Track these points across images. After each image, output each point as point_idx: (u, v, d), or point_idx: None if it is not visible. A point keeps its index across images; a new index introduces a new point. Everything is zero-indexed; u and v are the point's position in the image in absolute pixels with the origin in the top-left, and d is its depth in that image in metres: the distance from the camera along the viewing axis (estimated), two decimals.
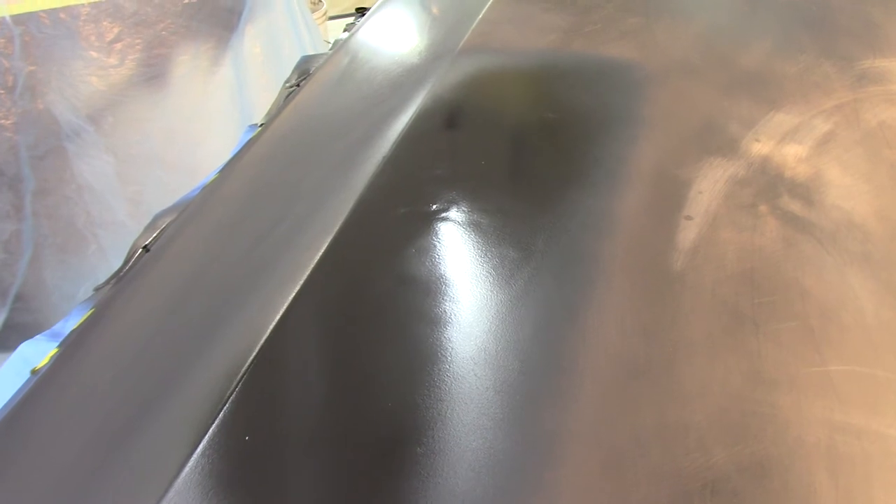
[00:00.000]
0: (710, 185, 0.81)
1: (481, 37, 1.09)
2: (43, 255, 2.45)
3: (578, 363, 0.64)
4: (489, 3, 1.19)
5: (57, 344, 0.91)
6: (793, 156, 0.85)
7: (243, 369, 0.66)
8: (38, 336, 1.05)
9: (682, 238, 0.75)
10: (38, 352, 1.02)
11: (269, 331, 0.69)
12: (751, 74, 1.00)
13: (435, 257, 0.75)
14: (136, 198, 2.62)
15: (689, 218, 0.77)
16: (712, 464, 0.57)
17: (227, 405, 0.63)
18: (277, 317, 0.70)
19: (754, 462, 0.57)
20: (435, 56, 1.06)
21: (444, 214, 0.79)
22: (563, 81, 1.00)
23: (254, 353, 0.67)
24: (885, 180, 0.83)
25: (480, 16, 1.14)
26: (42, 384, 0.78)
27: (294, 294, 0.72)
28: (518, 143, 0.90)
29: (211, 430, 0.62)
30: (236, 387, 0.65)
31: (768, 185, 0.81)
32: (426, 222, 0.78)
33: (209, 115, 2.71)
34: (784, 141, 0.87)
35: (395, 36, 1.22)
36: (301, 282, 0.73)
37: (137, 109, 2.59)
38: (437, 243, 0.76)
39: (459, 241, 0.76)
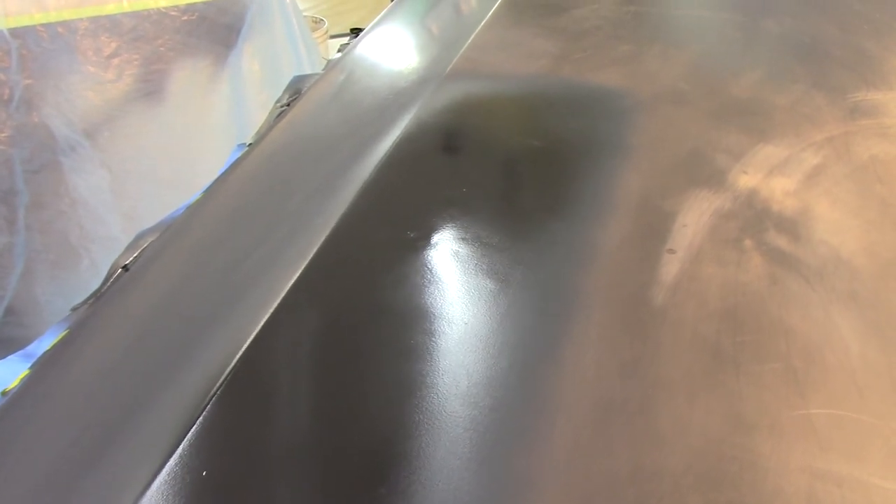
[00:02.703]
0: (694, 218, 0.79)
1: (469, 62, 1.08)
2: (35, 270, 2.43)
3: (552, 401, 0.62)
4: (479, 27, 1.18)
5: (29, 365, 0.89)
6: (781, 189, 0.83)
7: (209, 396, 0.65)
8: (10, 357, 1.03)
9: (664, 272, 0.73)
10: (9, 372, 1.00)
11: (236, 359, 0.68)
12: (741, 105, 0.98)
13: (410, 286, 0.73)
14: (130, 213, 2.60)
15: (672, 251, 0.76)
16: None
17: (187, 437, 0.62)
18: (246, 344, 0.69)
19: None
20: (422, 80, 1.05)
21: (421, 242, 0.77)
22: (550, 108, 0.99)
23: (220, 381, 0.66)
24: (874, 216, 0.81)
25: (470, 41, 1.13)
26: (10, 405, 0.76)
27: (263, 323, 0.70)
28: (501, 170, 0.88)
29: (171, 461, 0.60)
30: (200, 414, 0.63)
31: (754, 218, 0.80)
32: (403, 250, 0.77)
33: (206, 132, 2.70)
34: (772, 174, 0.86)
35: (385, 59, 1.21)
36: (271, 310, 0.71)
37: (134, 125, 2.58)
38: (412, 272, 0.74)
39: (436, 271, 0.74)
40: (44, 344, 0.98)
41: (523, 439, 0.60)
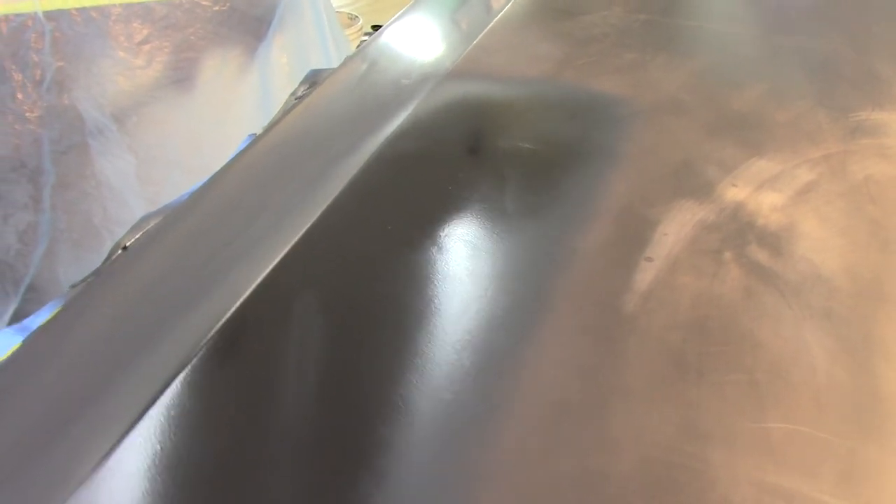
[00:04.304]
0: (676, 228, 0.79)
1: (471, 62, 1.08)
2: (57, 249, 2.47)
3: (509, 399, 0.63)
4: (487, 29, 1.18)
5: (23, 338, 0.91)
6: (768, 204, 0.83)
7: (195, 352, 0.67)
8: (6, 329, 1.05)
9: (638, 279, 0.73)
10: (3, 345, 1.02)
11: (209, 335, 0.69)
12: (740, 118, 0.98)
13: (381, 280, 0.74)
14: (153, 198, 2.64)
15: (649, 259, 0.75)
16: None
17: (172, 385, 0.64)
18: (219, 324, 0.70)
19: None
20: (423, 78, 1.06)
21: (398, 237, 0.78)
22: (546, 112, 0.99)
23: (194, 354, 0.67)
24: (862, 236, 0.80)
25: (476, 41, 1.13)
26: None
27: (234, 308, 0.71)
28: (489, 170, 0.89)
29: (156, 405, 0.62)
30: (167, 387, 0.65)
31: (737, 231, 0.79)
32: (379, 248, 0.78)
33: (232, 122, 2.72)
34: (762, 188, 0.85)
35: (393, 56, 1.22)
36: (243, 297, 0.72)
37: (161, 111, 2.61)
38: (387, 270, 0.75)
39: (408, 265, 0.75)
40: (39, 319, 1.01)
41: (474, 435, 0.60)
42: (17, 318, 2.36)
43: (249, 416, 0.62)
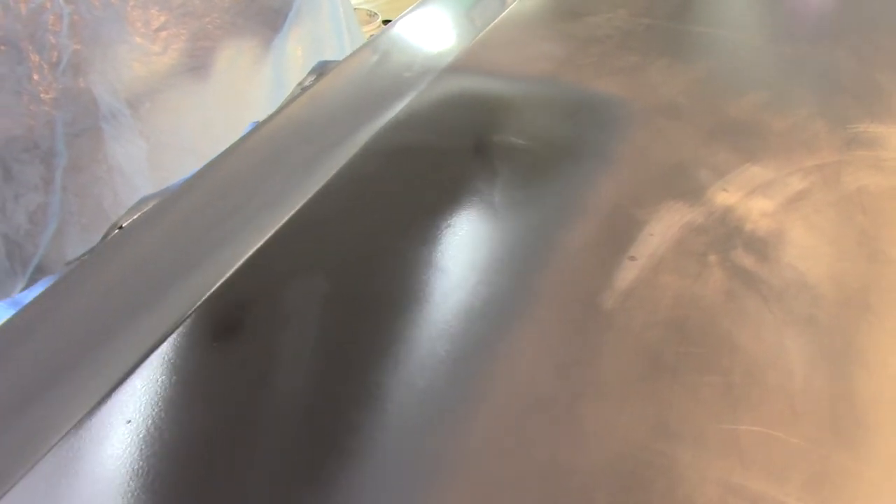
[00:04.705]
0: (663, 229, 0.79)
1: (471, 58, 1.09)
2: (67, 231, 2.48)
3: (480, 391, 0.63)
4: (490, 26, 1.18)
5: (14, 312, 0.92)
6: (758, 210, 0.83)
7: (171, 330, 0.69)
8: None
9: (620, 278, 0.73)
10: None
11: (191, 309, 0.70)
12: (736, 124, 0.98)
13: (363, 271, 0.74)
14: (163, 184, 2.64)
15: (632, 259, 0.76)
16: None
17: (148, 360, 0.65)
18: (201, 300, 0.71)
19: None
20: (423, 72, 1.06)
21: (382, 229, 0.79)
22: (541, 111, 0.99)
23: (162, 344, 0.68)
24: (850, 245, 0.80)
25: (478, 38, 1.13)
26: None
27: (213, 289, 0.72)
28: (479, 164, 0.89)
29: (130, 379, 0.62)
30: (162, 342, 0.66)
31: (725, 235, 0.79)
32: (362, 236, 0.78)
33: (245, 112, 2.73)
34: (753, 194, 0.85)
35: (397, 50, 1.22)
36: (217, 285, 0.73)
37: (175, 98, 2.62)
38: (368, 258, 0.75)
39: (391, 258, 0.75)
40: (32, 294, 1.02)
41: (447, 424, 0.61)
42: None
43: (221, 396, 0.63)
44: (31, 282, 2.43)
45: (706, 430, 0.61)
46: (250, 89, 2.72)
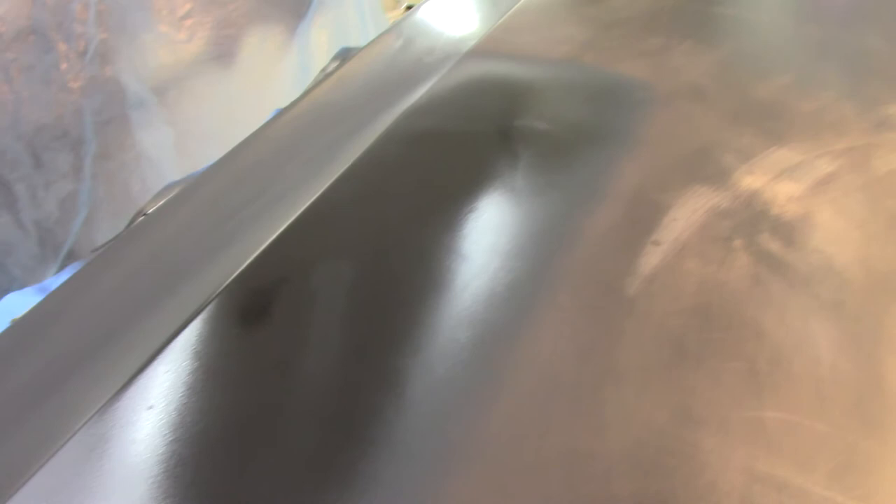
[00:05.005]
0: (687, 213, 0.78)
1: (493, 42, 1.08)
2: (97, 218, 2.51)
3: (501, 376, 0.63)
4: (513, 9, 1.17)
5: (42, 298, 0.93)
6: (785, 193, 0.82)
7: (192, 317, 0.69)
8: (27, 289, 1.08)
9: (643, 263, 0.73)
10: (22, 304, 1.04)
11: (213, 294, 0.70)
12: (762, 107, 0.96)
13: (384, 256, 0.74)
14: (190, 171, 2.66)
15: (656, 243, 0.75)
16: (611, 495, 0.55)
17: (168, 347, 0.65)
18: (222, 285, 0.71)
19: (657, 500, 0.55)
20: (444, 56, 1.05)
21: (403, 214, 0.78)
22: (563, 94, 0.98)
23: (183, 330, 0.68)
24: (879, 229, 0.79)
25: (500, 21, 1.13)
26: (10, 330, 0.79)
27: (234, 275, 0.72)
28: (501, 149, 0.88)
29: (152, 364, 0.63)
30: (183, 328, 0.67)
31: (750, 219, 0.78)
32: (383, 222, 0.78)
33: (270, 98, 2.74)
34: (779, 177, 0.84)
35: (421, 34, 1.21)
36: (238, 270, 0.73)
37: (201, 86, 2.64)
38: (389, 243, 0.75)
39: (412, 243, 0.75)
40: (59, 280, 1.03)
41: (466, 409, 0.60)
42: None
43: (242, 382, 0.63)
44: (63, 268, 2.46)
45: (730, 417, 0.60)
46: (275, 76, 2.73)
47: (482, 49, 1.06)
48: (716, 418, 0.60)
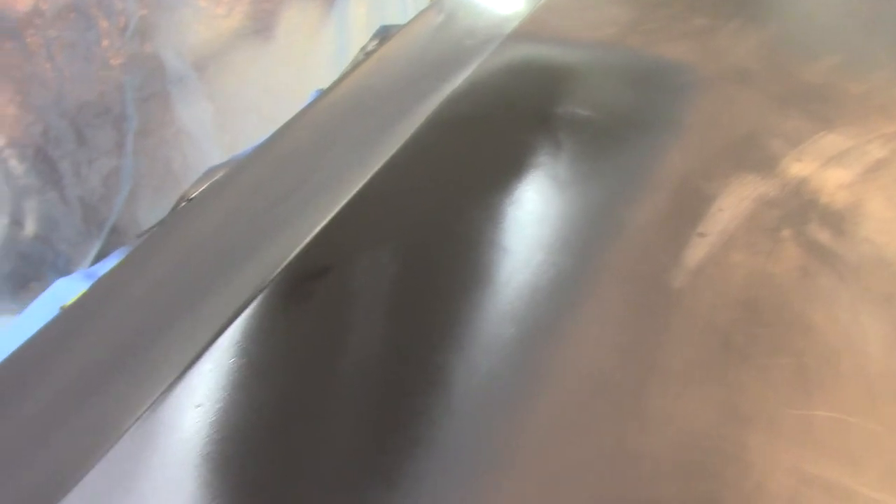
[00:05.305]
0: (733, 203, 0.77)
1: (534, 24, 1.06)
2: (139, 194, 2.54)
3: (545, 372, 0.62)
4: None
5: (90, 284, 0.94)
6: (834, 181, 0.80)
7: (240, 311, 0.69)
8: (73, 274, 1.09)
9: (689, 255, 0.72)
10: (70, 290, 1.06)
11: (265, 283, 0.70)
12: (810, 89, 0.94)
13: (428, 249, 0.74)
14: (230, 147, 2.68)
15: (702, 235, 0.74)
16: (658, 497, 0.54)
17: (217, 341, 0.66)
18: (273, 274, 0.72)
19: (704, 502, 0.54)
20: (485, 39, 1.04)
21: (447, 205, 0.78)
22: (606, 79, 0.97)
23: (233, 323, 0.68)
24: None
25: (543, 1, 1.11)
26: (61, 318, 0.80)
27: (283, 266, 0.72)
28: (541, 136, 0.87)
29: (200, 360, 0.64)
30: (231, 322, 0.68)
31: (799, 209, 0.77)
32: (427, 212, 0.77)
33: (309, 73, 2.74)
34: (829, 164, 0.82)
35: (461, 14, 1.20)
36: (283, 264, 0.73)
37: (240, 61, 2.64)
38: (433, 235, 0.75)
39: (456, 235, 0.75)
40: (107, 266, 1.04)
41: (511, 406, 0.60)
42: (100, 257, 2.45)
43: (288, 379, 0.63)
44: (107, 244, 2.50)
45: (778, 416, 0.60)
46: (313, 50, 2.73)
47: (524, 32, 1.05)
48: (763, 417, 0.60)
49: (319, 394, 0.63)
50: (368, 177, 0.82)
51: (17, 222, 2.36)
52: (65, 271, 2.41)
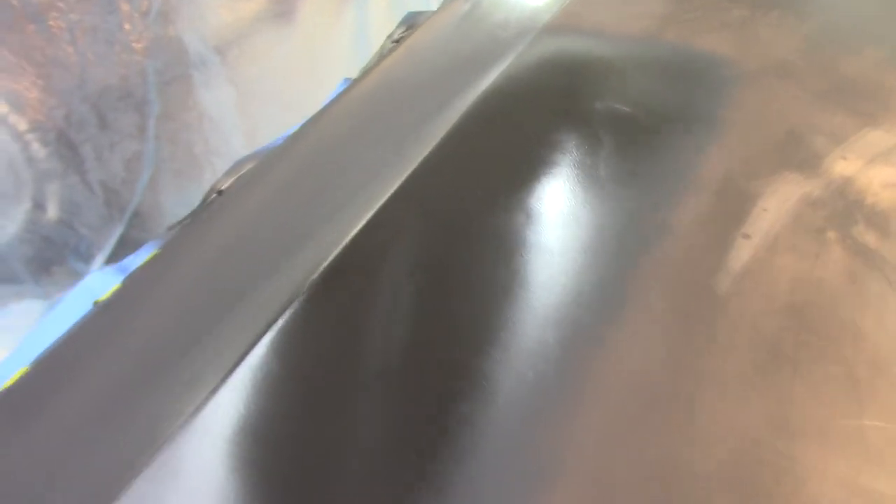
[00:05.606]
0: (778, 203, 0.75)
1: (570, 16, 1.05)
2: (161, 178, 2.55)
3: (593, 383, 0.62)
4: None
5: (122, 278, 0.94)
6: (880, 180, 0.78)
7: (281, 313, 0.68)
8: (106, 268, 1.09)
9: (733, 258, 0.70)
10: (103, 284, 1.05)
11: (288, 305, 0.69)
12: (854, 84, 0.92)
13: (471, 251, 0.73)
14: (252, 131, 2.68)
15: (746, 237, 0.72)
16: None
17: (259, 344, 0.65)
18: (300, 292, 0.71)
19: None
20: (519, 32, 1.03)
21: (488, 205, 0.77)
22: (645, 73, 0.95)
23: (273, 327, 0.68)
24: None
25: None
26: (97, 314, 0.80)
27: (314, 277, 0.71)
28: (581, 134, 0.86)
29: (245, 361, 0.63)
30: (273, 324, 0.67)
31: (844, 209, 0.75)
32: (468, 213, 0.76)
33: (330, 58, 2.73)
34: (874, 162, 0.80)
35: (496, 5, 1.18)
36: (326, 263, 0.72)
37: (262, 45, 2.64)
38: (475, 237, 0.74)
39: (498, 237, 0.74)
40: (138, 259, 1.04)
41: (559, 418, 0.59)
42: (122, 241, 2.46)
43: (328, 389, 0.63)
44: (129, 227, 2.50)
45: (829, 427, 0.59)
46: (334, 34, 2.72)
47: (559, 25, 1.03)
48: (814, 428, 0.59)
49: (361, 401, 0.62)
50: (406, 175, 0.81)
51: (39, 206, 2.37)
52: (87, 255, 2.43)
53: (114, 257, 2.45)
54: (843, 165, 0.80)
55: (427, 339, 0.66)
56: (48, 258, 2.40)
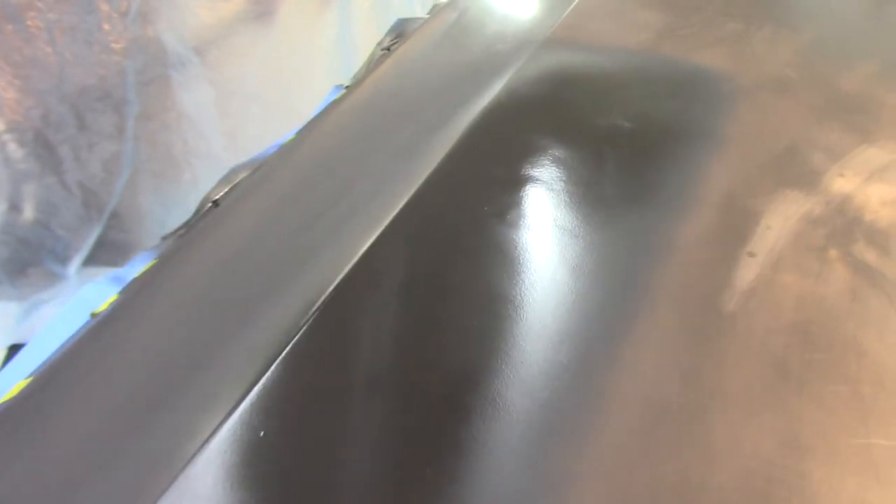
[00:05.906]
0: (780, 221, 0.77)
1: (569, 29, 1.05)
2: (140, 178, 2.52)
3: (606, 400, 0.62)
4: None
5: (119, 290, 0.93)
6: (878, 197, 0.80)
7: (296, 331, 0.68)
8: (100, 279, 1.08)
9: (739, 277, 0.72)
10: (99, 295, 1.05)
11: (314, 307, 0.70)
12: (849, 100, 0.94)
13: (478, 266, 0.73)
14: (232, 132, 2.66)
15: (751, 255, 0.74)
16: None
17: (275, 364, 0.65)
18: (317, 303, 0.71)
19: None
20: (518, 45, 1.03)
21: (495, 220, 0.77)
22: (644, 88, 0.96)
23: (302, 321, 0.68)
24: None
25: (574, 5, 1.10)
26: (98, 327, 0.79)
27: (332, 287, 0.71)
28: (585, 150, 0.87)
29: (257, 386, 0.63)
30: (288, 344, 0.66)
31: (844, 227, 0.77)
32: (476, 227, 0.77)
33: (311, 60, 2.72)
34: (871, 179, 0.82)
35: (489, 15, 1.19)
36: (341, 276, 0.72)
37: (241, 45, 2.62)
38: (484, 256, 0.74)
39: (505, 252, 0.74)
40: (133, 270, 1.03)
41: (573, 436, 0.60)
42: (100, 243, 2.43)
43: (343, 406, 0.63)
44: (107, 228, 2.48)
45: (837, 445, 0.60)
46: (316, 34, 2.71)
47: (559, 38, 1.04)
48: (823, 446, 0.60)
49: (377, 418, 0.62)
50: (414, 189, 0.81)
51: (15, 207, 2.33)
52: (64, 257, 2.40)
53: (91, 259, 2.43)
54: (842, 183, 0.82)
55: (440, 357, 0.66)
56: (24, 259, 2.37)
